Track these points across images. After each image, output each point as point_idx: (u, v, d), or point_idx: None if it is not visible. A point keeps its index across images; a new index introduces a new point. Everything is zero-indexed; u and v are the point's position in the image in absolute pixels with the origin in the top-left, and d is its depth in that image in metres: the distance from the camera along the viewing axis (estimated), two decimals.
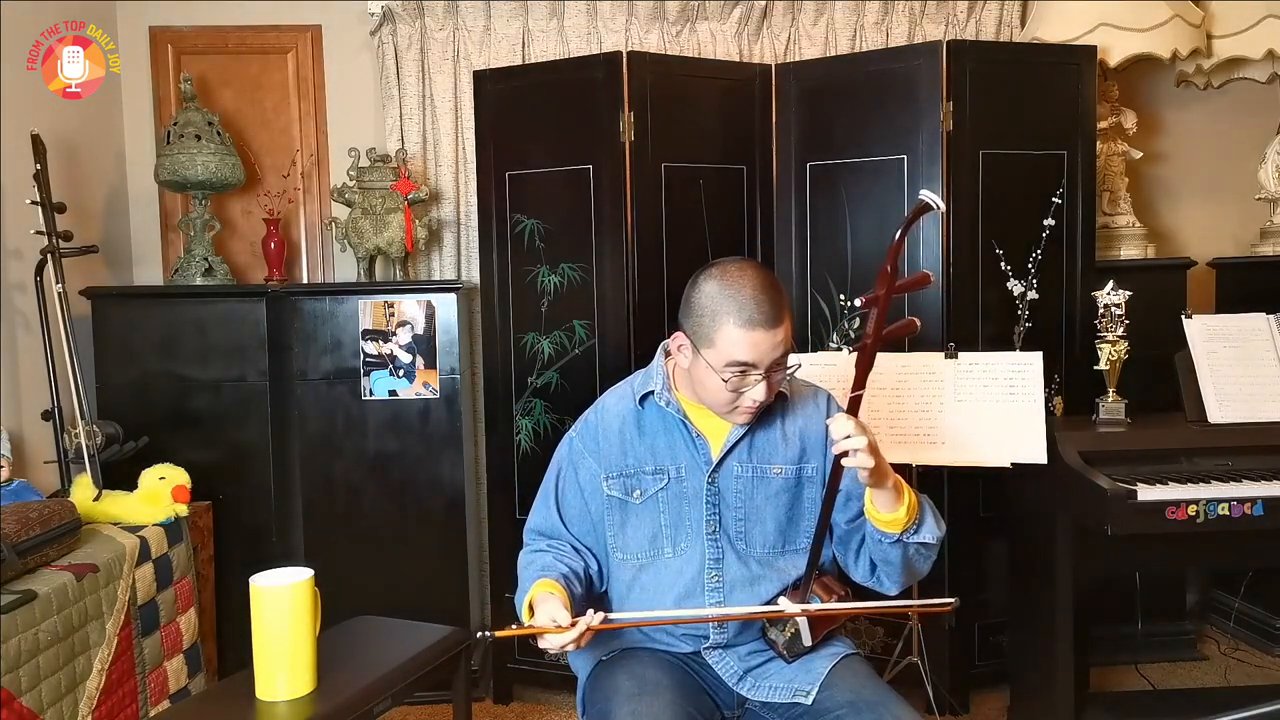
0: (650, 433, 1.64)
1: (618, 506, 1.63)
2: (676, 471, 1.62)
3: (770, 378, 1.51)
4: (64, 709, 1.82)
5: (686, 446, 1.62)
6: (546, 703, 2.82)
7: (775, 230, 2.77)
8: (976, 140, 2.58)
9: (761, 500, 1.61)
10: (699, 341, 1.52)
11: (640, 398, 1.65)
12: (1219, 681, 2.84)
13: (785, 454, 1.62)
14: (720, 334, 1.48)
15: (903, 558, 1.54)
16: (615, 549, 1.64)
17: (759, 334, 1.47)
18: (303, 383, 2.75)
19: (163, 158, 2.82)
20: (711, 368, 1.50)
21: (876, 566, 1.59)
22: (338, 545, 2.73)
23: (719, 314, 1.49)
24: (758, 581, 1.60)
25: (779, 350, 1.50)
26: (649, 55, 2.77)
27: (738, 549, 1.60)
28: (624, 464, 1.63)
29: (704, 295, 1.52)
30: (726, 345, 1.48)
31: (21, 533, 1.84)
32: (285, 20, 3.19)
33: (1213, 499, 2.01)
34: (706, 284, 1.52)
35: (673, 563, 1.61)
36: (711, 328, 1.49)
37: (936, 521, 1.55)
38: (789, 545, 1.62)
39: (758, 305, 1.47)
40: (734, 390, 1.51)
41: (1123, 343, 2.31)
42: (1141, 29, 2.89)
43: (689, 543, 1.61)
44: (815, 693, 1.53)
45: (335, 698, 1.57)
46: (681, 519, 1.61)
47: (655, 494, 1.62)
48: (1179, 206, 3.45)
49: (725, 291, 1.49)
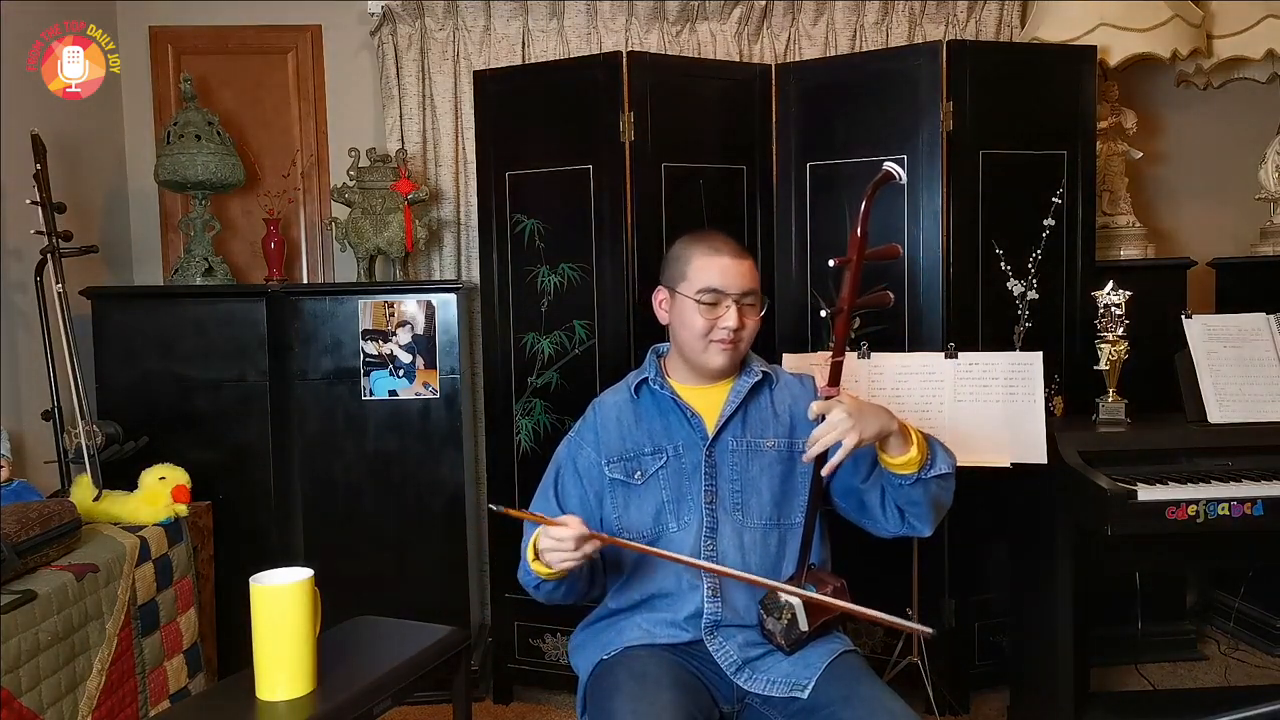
0: (647, 417, 1.73)
1: (620, 488, 1.70)
2: (675, 449, 1.70)
3: (741, 310, 1.65)
4: (64, 709, 1.82)
5: (682, 425, 1.70)
6: (546, 703, 2.82)
7: (775, 230, 2.77)
8: (976, 140, 2.58)
9: (756, 472, 1.68)
10: (675, 283, 1.69)
11: (635, 387, 1.75)
12: (1219, 681, 2.84)
13: (776, 428, 1.71)
14: (691, 266, 1.67)
15: (926, 495, 1.61)
16: (621, 530, 1.68)
17: (725, 259, 1.66)
18: (303, 383, 2.75)
19: (163, 158, 2.82)
20: (688, 299, 1.65)
21: (904, 512, 1.64)
22: (338, 545, 2.73)
23: (689, 252, 1.69)
24: (750, 552, 1.66)
25: (746, 282, 1.66)
26: (649, 55, 2.77)
27: (735, 520, 1.66)
28: (623, 448, 1.71)
29: (676, 247, 1.74)
30: (696, 274, 1.66)
31: (21, 533, 1.84)
32: (285, 20, 3.19)
33: (1213, 499, 2.01)
34: (677, 242, 1.76)
35: (677, 536, 1.66)
36: (684, 264, 1.68)
37: (946, 450, 1.64)
38: (784, 519, 1.68)
39: (723, 240, 1.70)
40: (708, 320, 1.64)
41: (1123, 343, 2.31)
42: (1141, 29, 2.89)
43: (691, 515, 1.67)
44: (812, 687, 1.55)
45: (335, 698, 1.57)
46: (682, 494, 1.68)
47: (655, 472, 1.69)
48: (1179, 206, 3.45)
49: (693, 238, 1.73)
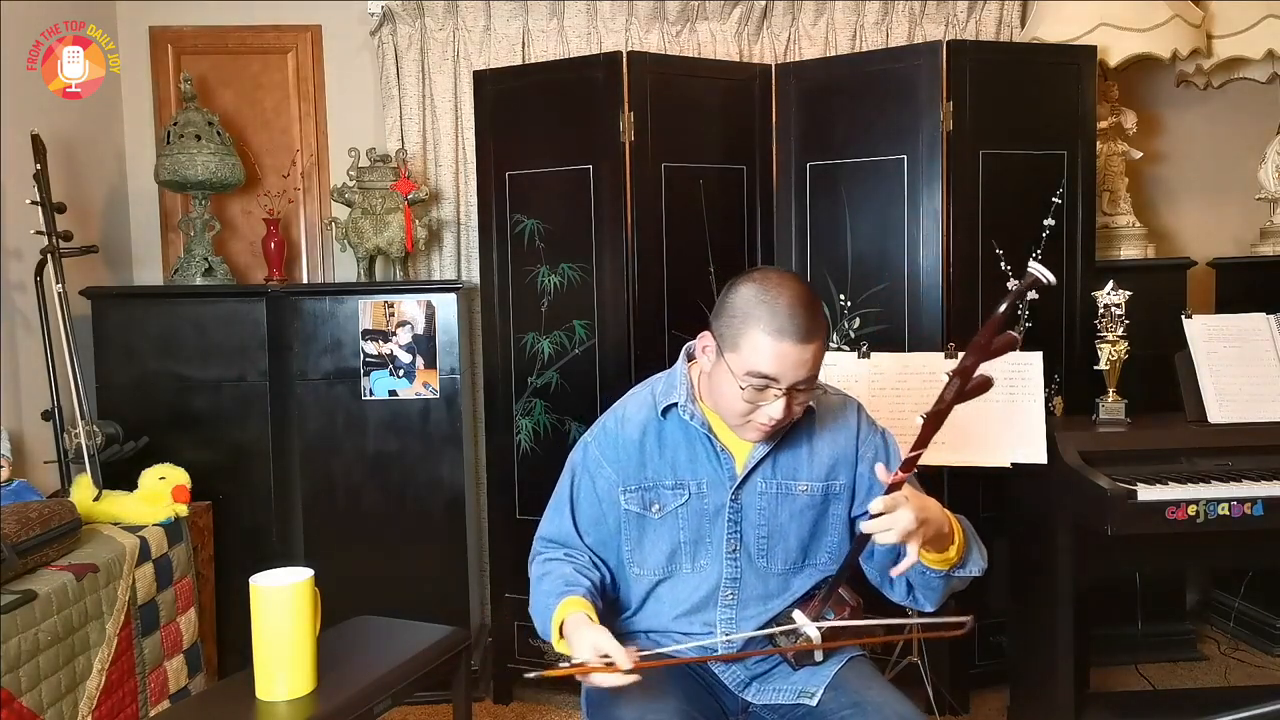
0: (671, 446, 1.57)
1: (635, 521, 1.58)
2: (697, 487, 1.56)
3: (790, 397, 1.44)
4: (64, 709, 1.82)
5: (709, 461, 1.56)
6: (546, 703, 2.82)
7: (775, 230, 2.77)
8: (976, 140, 2.58)
9: (786, 518, 1.56)
10: (724, 344, 1.45)
11: (663, 410, 1.58)
12: (1219, 681, 2.84)
13: (811, 470, 1.57)
14: (746, 339, 1.42)
15: (945, 585, 1.52)
16: (631, 564, 1.59)
17: (786, 345, 1.40)
18: (303, 383, 2.75)
19: (163, 158, 2.82)
20: (732, 373, 1.43)
21: (914, 588, 1.54)
22: (338, 545, 2.73)
23: (749, 318, 1.42)
24: (771, 598, 1.57)
25: (805, 370, 1.42)
26: (649, 55, 2.77)
27: (758, 566, 1.57)
28: (642, 477, 1.57)
29: (738, 298, 1.45)
30: (750, 352, 1.41)
31: (21, 533, 1.84)
32: (285, 20, 3.19)
33: (1213, 499, 2.01)
34: (744, 287, 1.45)
35: (690, 578, 1.57)
36: (739, 331, 1.43)
37: (981, 553, 1.51)
38: (809, 561, 1.59)
39: (791, 316, 1.39)
40: (750, 403, 1.44)
41: (1123, 343, 2.31)
42: (1141, 29, 2.89)
43: (708, 559, 1.56)
44: (820, 694, 1.52)
45: (335, 698, 1.57)
46: (701, 536, 1.56)
47: (675, 510, 1.56)
48: (1179, 206, 3.45)
49: (761, 297, 1.42)
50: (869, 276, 2.66)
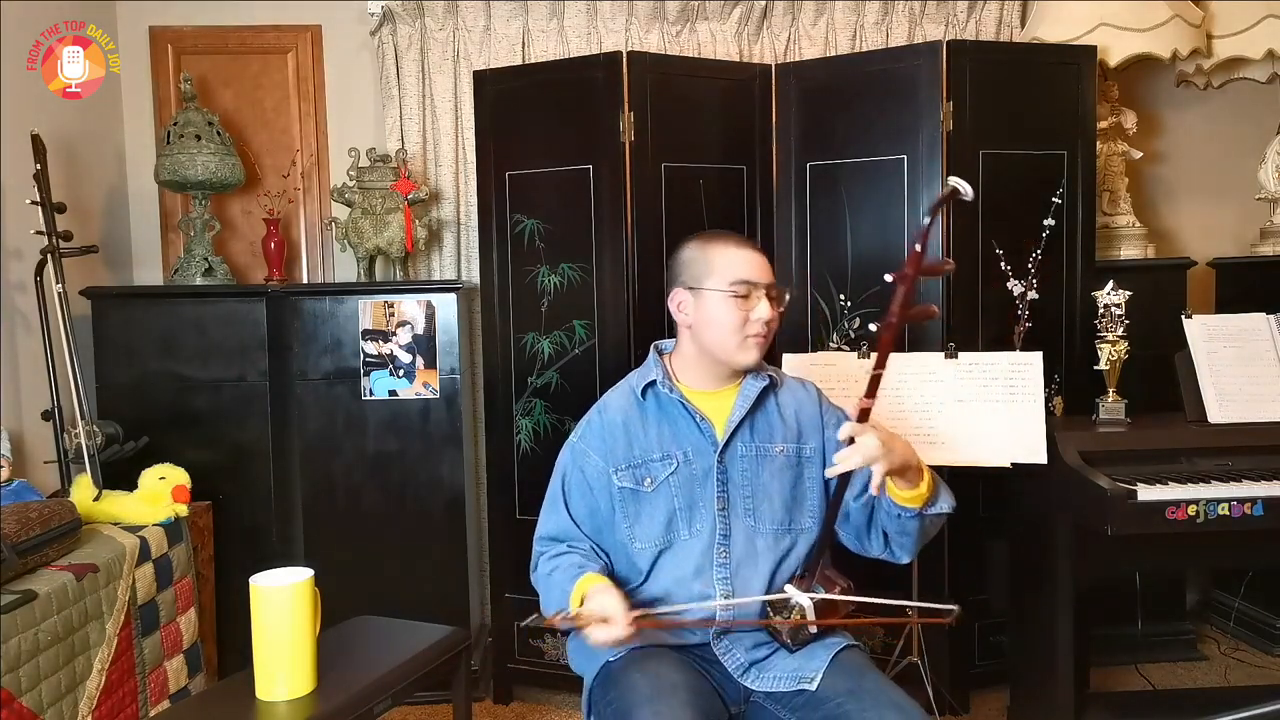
0: (654, 422, 1.69)
1: (630, 497, 1.66)
2: (684, 455, 1.66)
3: (770, 295, 1.63)
4: (64, 709, 1.82)
5: (691, 430, 1.67)
6: (546, 703, 2.82)
7: (775, 230, 2.76)
8: (976, 140, 2.58)
9: (767, 478, 1.67)
10: (700, 280, 1.64)
11: (641, 390, 1.71)
12: (1219, 681, 2.84)
13: (785, 433, 1.70)
14: (717, 260, 1.63)
15: (920, 528, 1.62)
16: (633, 539, 1.66)
17: (748, 251, 1.65)
18: (303, 383, 2.75)
19: (163, 158, 2.82)
20: (717, 291, 1.61)
21: (890, 538, 1.66)
22: (338, 545, 2.73)
23: (708, 249, 1.66)
24: (762, 557, 1.64)
25: (769, 274, 1.65)
26: (649, 55, 2.77)
27: (747, 525, 1.65)
28: (631, 455, 1.67)
29: (688, 250, 1.69)
30: (725, 266, 1.62)
31: (21, 533, 1.84)
32: (285, 20, 3.19)
33: (1213, 499, 2.01)
34: (688, 243, 1.70)
35: (689, 544, 1.65)
36: (708, 261, 1.64)
37: (947, 492, 1.65)
38: (794, 524, 1.68)
39: (740, 237, 1.69)
40: (742, 312, 1.61)
41: (1123, 343, 2.31)
42: (1141, 29, 2.89)
43: (703, 523, 1.65)
44: (819, 679, 1.56)
45: (335, 698, 1.57)
46: (694, 500, 1.65)
47: (666, 479, 1.66)
48: (1179, 206, 3.45)
49: (706, 238, 1.69)
50: (869, 276, 2.65)
